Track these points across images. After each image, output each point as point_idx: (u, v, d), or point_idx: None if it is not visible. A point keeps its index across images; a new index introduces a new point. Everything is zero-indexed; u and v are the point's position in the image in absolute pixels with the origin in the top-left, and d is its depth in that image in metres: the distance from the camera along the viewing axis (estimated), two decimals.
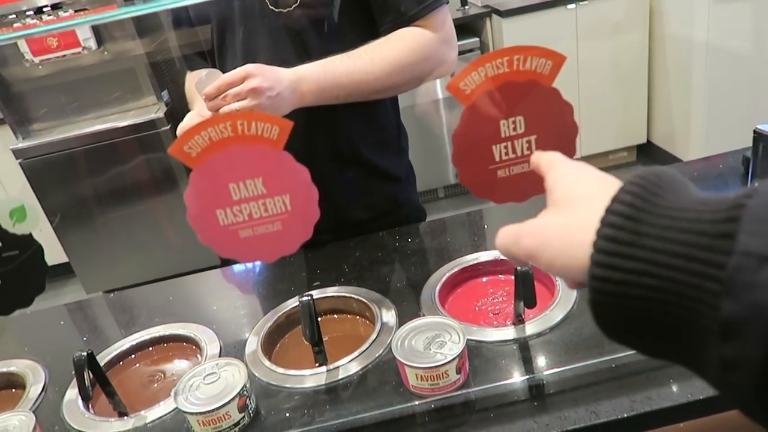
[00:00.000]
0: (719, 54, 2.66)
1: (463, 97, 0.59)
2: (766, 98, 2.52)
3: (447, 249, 1.10)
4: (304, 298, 0.80)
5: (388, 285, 1.02)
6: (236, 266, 1.21)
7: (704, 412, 0.71)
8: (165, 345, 0.99)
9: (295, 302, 0.99)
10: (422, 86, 1.15)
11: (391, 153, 1.24)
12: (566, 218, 0.41)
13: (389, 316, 0.93)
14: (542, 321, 0.86)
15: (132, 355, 0.98)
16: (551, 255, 0.40)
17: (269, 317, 0.98)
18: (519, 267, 0.79)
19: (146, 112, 2.82)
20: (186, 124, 0.97)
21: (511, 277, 0.99)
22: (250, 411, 0.78)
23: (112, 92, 2.90)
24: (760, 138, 0.80)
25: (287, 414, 0.79)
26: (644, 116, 3.29)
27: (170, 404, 0.83)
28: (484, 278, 1.01)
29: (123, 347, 0.98)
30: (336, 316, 1.00)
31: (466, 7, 3.13)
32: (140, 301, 1.16)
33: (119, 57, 2.83)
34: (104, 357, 0.96)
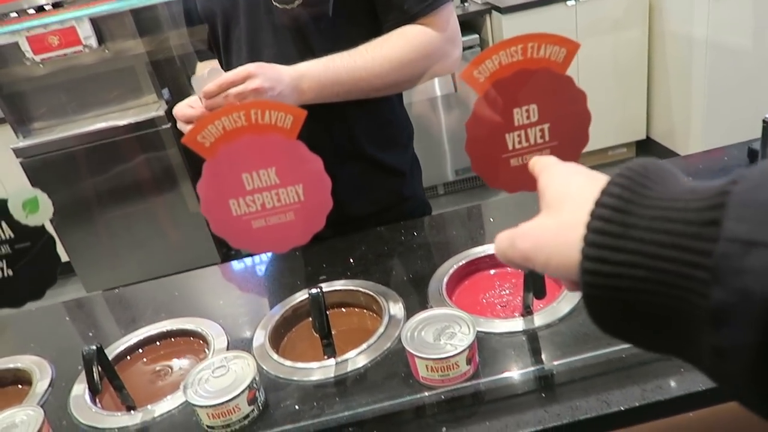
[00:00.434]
0: (719, 50, 2.66)
1: (477, 85, 0.59)
2: (766, 94, 2.52)
3: (453, 242, 1.10)
4: (314, 291, 0.80)
5: (395, 278, 1.02)
6: (242, 261, 1.21)
7: (714, 401, 0.71)
8: (172, 340, 0.99)
9: (302, 296, 0.99)
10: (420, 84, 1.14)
11: (396, 148, 1.24)
12: (558, 218, 0.41)
13: (396, 309, 0.93)
14: (550, 312, 0.86)
15: (139, 350, 0.98)
16: (545, 256, 0.40)
17: (276, 311, 0.97)
18: (521, 269, 0.79)
19: (147, 111, 2.81)
20: (180, 110, 0.97)
21: (518, 270, 0.99)
22: (260, 404, 0.78)
23: (113, 90, 2.89)
24: None
25: (296, 406, 0.79)
26: (644, 112, 3.29)
27: (178, 398, 0.83)
28: (492, 271, 1.01)
29: (130, 342, 0.97)
30: (344, 310, 1.00)
31: (466, 4, 3.13)
32: (146, 297, 1.16)
33: (120, 55, 2.83)
34: (111, 352, 0.95)
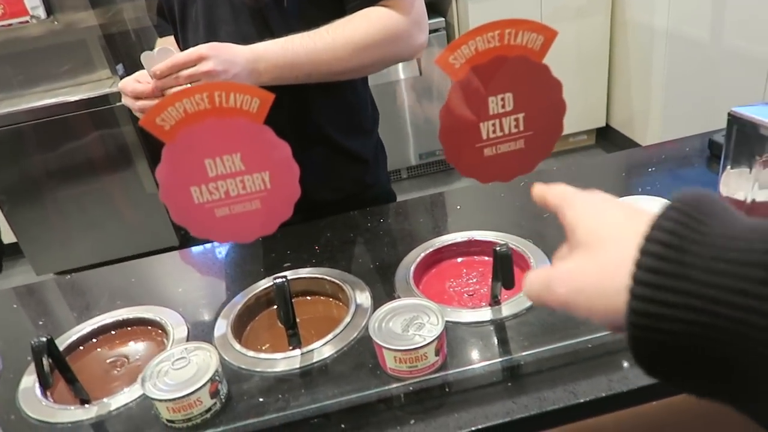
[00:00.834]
0: (678, 41, 2.71)
1: (453, 71, 0.57)
2: (723, 86, 2.59)
3: (420, 229, 1.09)
4: (279, 280, 0.77)
5: (361, 266, 1.00)
6: (203, 247, 1.17)
7: (680, 390, 0.72)
8: (128, 329, 0.95)
9: (266, 284, 0.96)
10: None
11: (360, 133, 1.22)
12: (598, 258, 0.38)
13: (363, 298, 0.91)
14: (518, 302, 0.85)
15: (93, 340, 0.93)
16: (588, 301, 0.37)
17: (238, 299, 0.94)
18: (498, 248, 0.78)
19: (99, 87, 2.70)
20: (127, 85, 0.93)
21: (485, 258, 0.99)
22: (222, 397, 0.76)
23: (63, 65, 2.76)
24: (735, 121, 0.81)
25: (260, 399, 0.76)
26: (604, 100, 3.34)
27: (136, 391, 0.79)
28: (459, 259, 1.00)
29: (83, 331, 0.93)
30: (308, 298, 0.97)
31: None
32: (101, 284, 1.11)
33: (70, 28, 2.69)
34: (63, 341, 0.91)
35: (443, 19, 3.07)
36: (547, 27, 0.56)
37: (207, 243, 1.17)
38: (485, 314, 0.84)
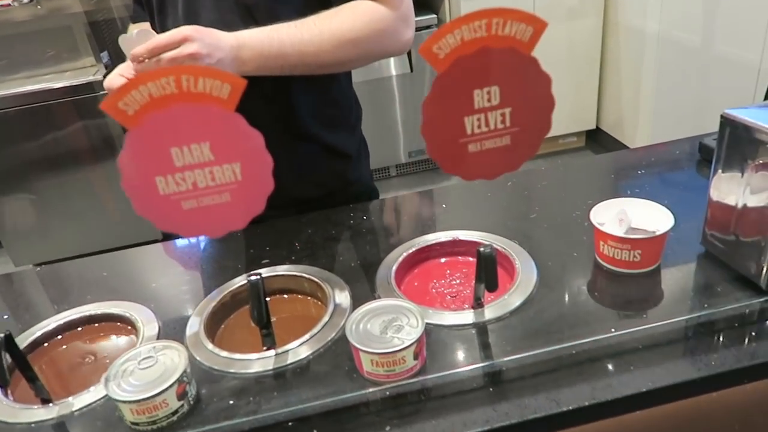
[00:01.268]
0: (669, 45, 2.71)
1: (437, 62, 0.54)
2: (713, 91, 2.58)
3: (404, 228, 1.06)
4: (253, 277, 0.74)
5: (342, 264, 0.97)
6: (179, 240, 1.13)
7: (665, 400, 0.69)
8: (96, 325, 0.91)
9: (242, 281, 0.93)
10: (376, 62, 1.08)
11: (343, 129, 1.18)
12: None
13: (342, 297, 0.88)
14: (502, 305, 0.83)
15: (59, 336, 0.89)
16: None
17: (213, 296, 0.91)
18: (482, 248, 0.76)
19: (84, 74, 2.65)
20: (112, 83, 0.89)
21: (470, 259, 0.96)
22: (190, 398, 0.72)
23: (47, 51, 2.70)
24: (728, 123, 0.78)
25: (231, 401, 0.73)
26: (595, 102, 3.34)
27: (100, 391, 0.76)
28: (442, 259, 0.97)
29: (48, 327, 0.89)
30: (286, 296, 0.94)
31: None
32: (71, 276, 1.07)
33: (55, 13, 2.64)
34: (27, 337, 0.87)
35: (435, 16, 3.04)
36: (537, 18, 0.54)
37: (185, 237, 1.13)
38: (467, 317, 0.81)
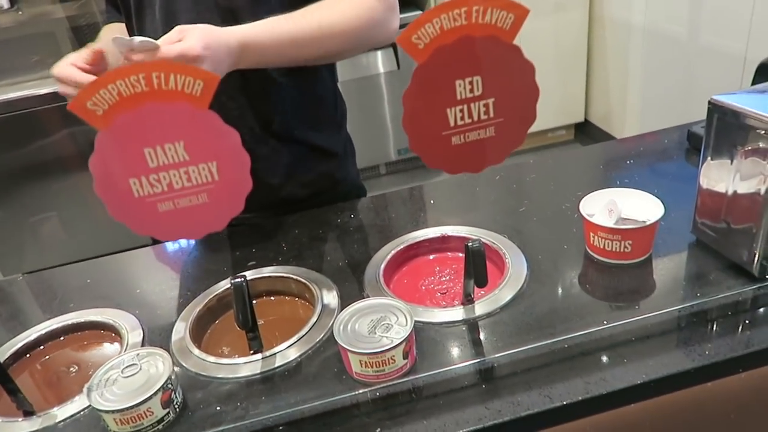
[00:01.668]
0: (655, 37, 2.71)
1: (416, 53, 0.52)
2: (700, 82, 2.58)
3: (391, 225, 1.05)
4: (237, 280, 0.72)
5: (330, 264, 0.95)
6: (163, 245, 1.11)
7: (659, 392, 0.68)
8: (79, 333, 0.89)
9: (228, 284, 0.91)
10: (363, 59, 1.07)
11: (328, 127, 1.17)
12: None
13: (330, 298, 0.86)
14: (492, 301, 0.81)
15: (41, 346, 0.87)
16: None
17: (199, 301, 0.89)
18: (470, 243, 0.74)
19: None
20: (65, 73, 0.83)
21: (459, 255, 0.95)
22: (176, 406, 0.70)
23: (30, 57, 2.67)
24: (716, 109, 0.77)
25: (218, 407, 0.71)
26: (582, 95, 3.33)
27: (84, 401, 0.74)
28: (431, 256, 0.96)
29: (30, 337, 0.87)
30: (273, 298, 0.92)
31: None
32: (54, 284, 1.04)
33: (37, 19, 2.61)
34: (8, 349, 0.85)
35: (419, 12, 3.02)
36: (518, 4, 0.52)
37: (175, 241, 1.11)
38: (457, 314, 0.80)
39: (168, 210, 0.56)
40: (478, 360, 0.72)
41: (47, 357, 0.87)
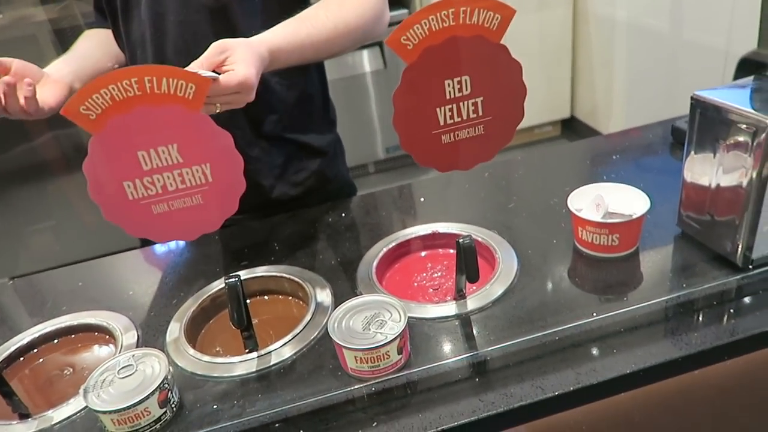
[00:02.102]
0: (639, 33, 2.74)
1: (405, 53, 0.53)
2: (683, 76, 2.61)
3: (383, 223, 1.06)
4: (231, 279, 0.73)
5: (322, 262, 0.96)
6: (155, 247, 1.11)
7: (648, 381, 0.70)
8: (73, 336, 0.89)
9: (221, 284, 0.91)
10: (349, 59, 1.07)
11: (319, 126, 1.17)
12: None
13: (324, 296, 0.87)
14: (484, 295, 0.83)
15: (34, 350, 0.87)
16: None
17: (193, 301, 0.90)
18: (461, 239, 0.75)
19: None
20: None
21: (450, 251, 0.96)
22: (173, 405, 0.71)
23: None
24: (698, 104, 0.79)
25: (214, 406, 0.72)
26: (568, 91, 3.36)
27: (80, 402, 0.74)
28: (423, 253, 0.97)
29: (23, 341, 0.87)
30: (266, 297, 0.93)
31: None
32: (46, 287, 1.04)
33: (18, 22, 2.58)
34: (2, 353, 0.85)
35: (407, 11, 3.03)
36: (505, 5, 0.53)
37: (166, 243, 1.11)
38: (450, 309, 0.81)
39: (162, 212, 0.56)
40: (471, 354, 0.74)
41: (41, 360, 0.87)
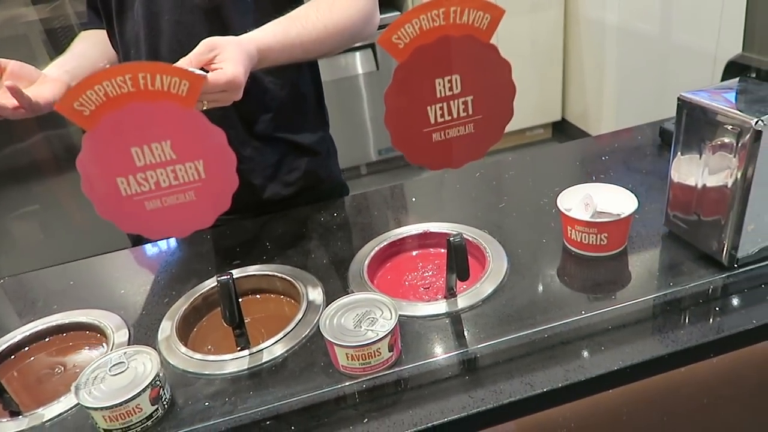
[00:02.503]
0: (629, 36, 2.76)
1: (397, 52, 0.54)
2: (673, 78, 2.64)
3: (374, 223, 1.06)
4: (223, 278, 0.73)
5: (314, 261, 0.96)
6: (147, 246, 1.12)
7: (635, 377, 0.71)
8: (64, 335, 0.89)
9: (213, 283, 0.91)
10: (342, 60, 1.08)
11: (312, 125, 1.18)
12: None
13: (315, 294, 0.88)
14: (474, 294, 0.83)
15: (25, 348, 0.87)
16: None
17: (184, 300, 0.90)
18: (451, 238, 0.76)
19: None
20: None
21: (441, 251, 0.97)
22: (165, 402, 0.71)
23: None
24: (684, 105, 0.80)
25: (206, 403, 0.72)
26: (559, 94, 3.38)
27: (71, 400, 0.74)
28: (414, 252, 0.98)
29: (14, 339, 0.87)
30: (258, 296, 0.93)
31: None
32: (36, 287, 1.04)
33: (9, 22, 2.57)
34: None
35: (398, 13, 3.05)
36: (494, 5, 0.54)
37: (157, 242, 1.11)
38: (440, 307, 0.82)
39: (155, 208, 0.57)
40: (462, 351, 0.74)
41: (32, 358, 0.87)
